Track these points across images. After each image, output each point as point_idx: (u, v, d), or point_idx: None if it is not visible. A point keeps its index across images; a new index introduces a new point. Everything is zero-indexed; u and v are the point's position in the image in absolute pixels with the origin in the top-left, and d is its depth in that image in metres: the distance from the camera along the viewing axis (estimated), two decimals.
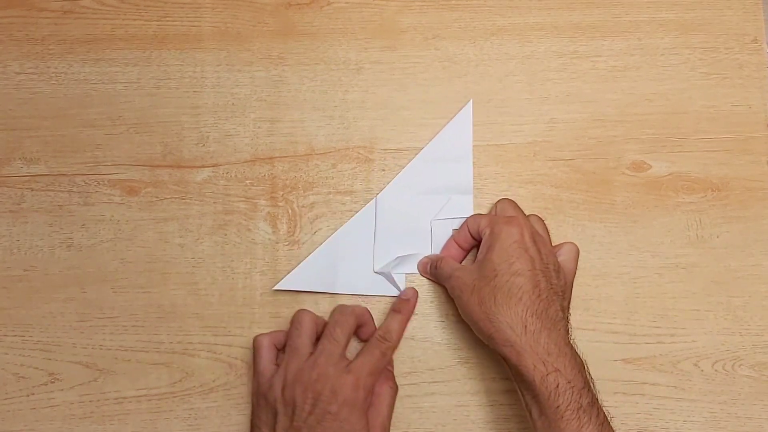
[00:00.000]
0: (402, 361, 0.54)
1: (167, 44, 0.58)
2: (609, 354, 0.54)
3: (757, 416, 0.53)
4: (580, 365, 0.46)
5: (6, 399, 0.53)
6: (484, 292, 0.47)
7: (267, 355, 0.50)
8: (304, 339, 0.49)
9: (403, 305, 0.52)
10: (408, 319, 0.53)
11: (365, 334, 0.52)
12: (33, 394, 0.53)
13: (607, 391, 0.53)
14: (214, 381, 0.53)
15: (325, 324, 0.51)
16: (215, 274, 0.55)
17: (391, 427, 0.52)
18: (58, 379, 0.53)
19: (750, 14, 0.59)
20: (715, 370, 0.53)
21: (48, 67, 0.57)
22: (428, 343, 0.54)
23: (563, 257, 0.51)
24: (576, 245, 0.52)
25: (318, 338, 0.50)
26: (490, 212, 0.54)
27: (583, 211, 0.56)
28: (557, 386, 0.44)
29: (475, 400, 0.53)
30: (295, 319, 0.51)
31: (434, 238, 0.55)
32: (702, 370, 0.53)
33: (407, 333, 0.54)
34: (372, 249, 0.54)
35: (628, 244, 0.55)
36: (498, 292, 0.47)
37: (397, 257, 0.54)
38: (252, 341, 0.52)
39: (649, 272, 0.55)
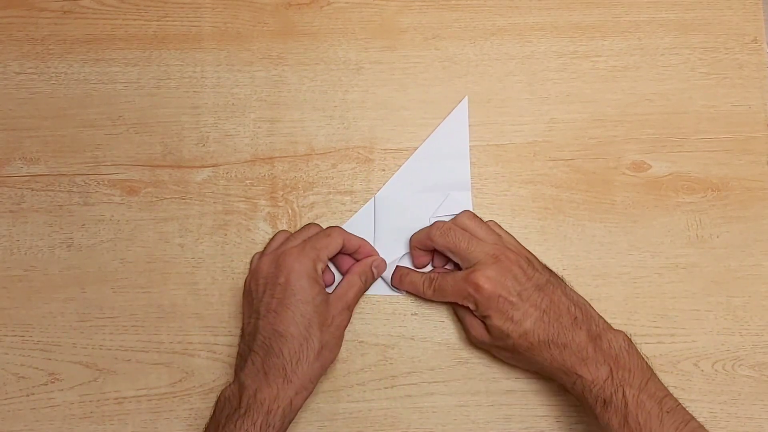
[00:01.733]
0: (402, 361, 0.54)
1: (167, 44, 0.58)
2: None
3: (757, 416, 0.53)
4: (605, 355, 0.47)
5: (6, 399, 0.53)
6: (508, 349, 0.49)
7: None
8: (272, 244, 0.51)
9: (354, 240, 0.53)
10: (350, 237, 0.52)
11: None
12: (33, 394, 0.53)
13: None
14: (214, 381, 0.53)
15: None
16: (215, 274, 0.55)
17: (391, 428, 0.52)
18: (58, 379, 0.53)
19: (750, 14, 0.59)
20: (715, 370, 0.53)
21: (48, 67, 0.57)
22: (428, 343, 0.54)
23: (509, 238, 0.52)
24: (491, 222, 0.53)
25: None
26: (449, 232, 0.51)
27: (583, 211, 0.56)
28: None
29: (475, 400, 0.53)
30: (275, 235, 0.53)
31: None
32: (702, 370, 0.53)
33: (407, 333, 0.54)
34: None
35: (628, 244, 0.55)
36: (519, 347, 0.48)
37: (399, 258, 0.54)
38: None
39: (649, 272, 0.55)
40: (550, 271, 0.51)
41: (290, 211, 0.56)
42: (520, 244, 0.52)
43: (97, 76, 0.57)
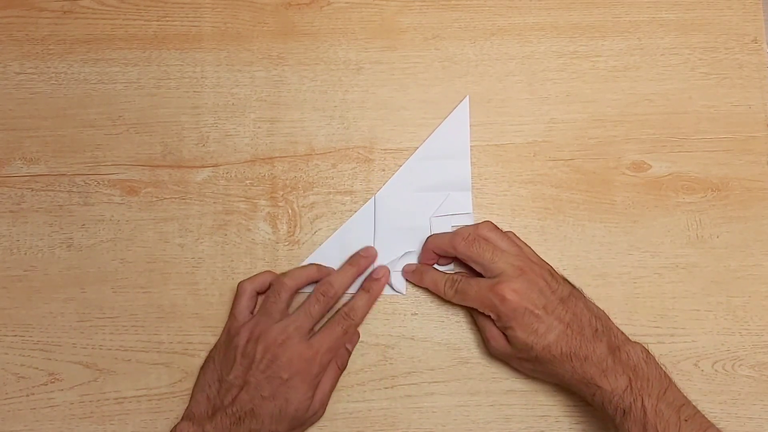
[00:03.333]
0: (402, 361, 0.54)
1: (167, 44, 0.58)
2: None
3: (757, 416, 0.53)
4: (624, 366, 0.47)
5: (6, 399, 0.53)
6: (530, 360, 0.49)
7: (245, 303, 0.52)
8: (279, 305, 0.51)
9: (372, 284, 0.53)
10: (375, 299, 0.53)
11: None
12: (33, 394, 0.53)
13: None
14: None
15: (318, 278, 0.52)
16: (215, 274, 0.55)
17: (391, 428, 0.53)
18: (58, 379, 0.53)
19: (750, 14, 0.59)
20: (715, 370, 0.53)
21: (48, 67, 0.57)
22: (428, 343, 0.54)
23: (529, 250, 0.52)
24: (512, 234, 0.53)
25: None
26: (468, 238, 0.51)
27: (583, 211, 0.56)
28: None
29: (475, 400, 0.53)
30: (276, 284, 0.52)
31: None
32: (702, 370, 0.53)
33: (407, 333, 0.54)
34: None
35: (628, 244, 0.55)
36: (542, 359, 0.48)
37: (400, 256, 0.54)
38: (237, 286, 0.53)
39: (649, 272, 0.55)
40: (570, 283, 0.51)
41: (290, 211, 0.56)
42: (539, 257, 0.52)
43: (97, 76, 0.57)
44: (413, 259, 0.54)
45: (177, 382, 0.53)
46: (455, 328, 0.54)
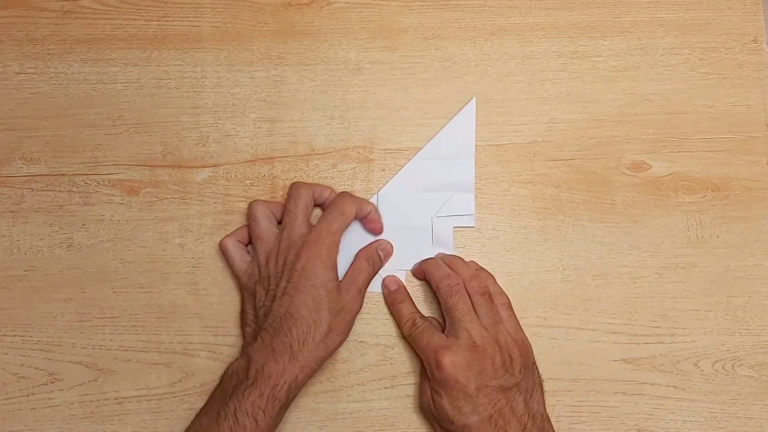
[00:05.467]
0: (402, 361, 0.54)
1: (167, 44, 0.58)
2: (609, 354, 0.54)
3: (757, 416, 0.53)
4: None
5: (6, 399, 0.53)
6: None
7: (237, 252, 0.53)
8: (263, 225, 0.52)
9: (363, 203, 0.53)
10: (360, 200, 0.53)
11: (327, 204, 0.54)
12: (33, 394, 0.53)
13: (607, 391, 0.53)
14: (214, 381, 0.53)
15: (282, 206, 0.53)
16: (215, 274, 0.55)
17: (391, 428, 0.52)
18: (58, 379, 0.53)
19: (750, 14, 0.59)
20: (715, 370, 0.53)
21: (48, 67, 0.57)
22: None
23: (508, 327, 0.51)
24: (503, 300, 0.52)
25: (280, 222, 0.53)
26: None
27: (583, 211, 0.56)
28: None
29: None
30: (251, 212, 0.53)
31: (435, 235, 0.55)
32: (702, 370, 0.53)
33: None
34: None
35: (628, 244, 0.55)
36: None
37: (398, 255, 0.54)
38: (218, 245, 0.53)
39: (649, 272, 0.55)
40: (532, 375, 0.50)
41: None
42: (516, 338, 0.50)
43: (97, 76, 0.57)
44: (414, 258, 0.54)
45: (177, 382, 0.53)
46: None
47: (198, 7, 0.58)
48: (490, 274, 0.53)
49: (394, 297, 0.54)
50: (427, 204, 0.55)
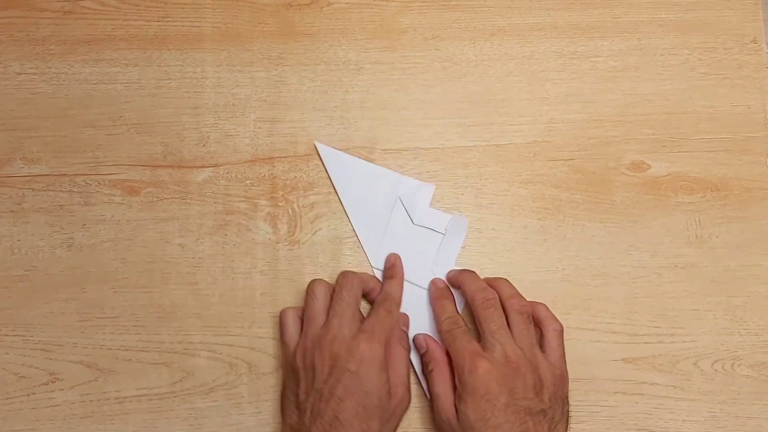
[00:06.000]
0: None
1: (168, 45, 0.58)
2: (609, 354, 0.54)
3: (756, 416, 0.53)
4: None
5: (6, 399, 0.53)
6: None
7: (292, 327, 0.51)
8: (319, 307, 0.50)
9: (393, 271, 0.53)
10: (402, 280, 0.53)
11: (374, 297, 0.53)
12: (33, 393, 0.53)
13: (607, 391, 0.53)
14: (214, 381, 0.53)
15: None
16: (215, 274, 0.55)
17: None
18: (58, 379, 0.53)
19: (750, 14, 0.59)
20: (715, 370, 0.53)
21: (49, 68, 0.58)
22: None
23: (549, 349, 0.50)
24: (556, 326, 0.51)
25: None
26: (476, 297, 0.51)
27: (583, 211, 0.56)
28: None
29: None
30: (310, 289, 0.51)
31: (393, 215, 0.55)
32: (701, 370, 0.53)
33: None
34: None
35: (628, 244, 0.55)
36: None
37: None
38: (279, 314, 0.52)
39: (649, 272, 0.55)
40: (561, 407, 0.49)
41: (290, 211, 0.56)
42: (554, 366, 0.49)
43: (98, 77, 0.57)
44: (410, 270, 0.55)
45: (177, 381, 0.53)
46: None
47: (198, 8, 0.58)
48: (541, 303, 0.52)
49: (440, 293, 0.53)
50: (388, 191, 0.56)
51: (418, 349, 0.52)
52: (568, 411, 0.49)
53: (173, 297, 0.54)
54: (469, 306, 0.52)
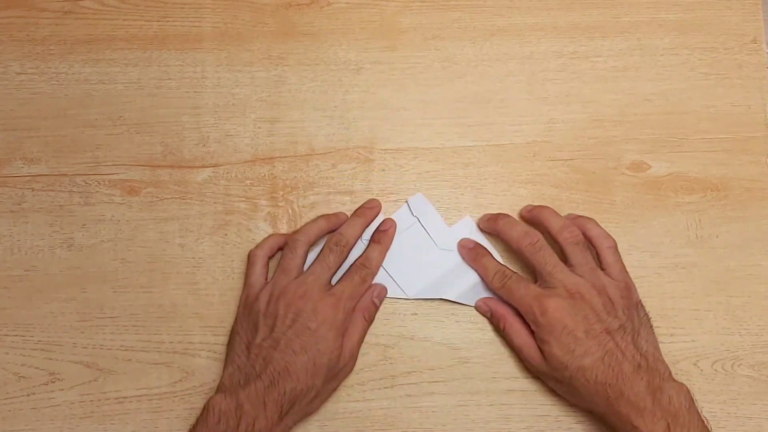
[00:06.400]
0: (402, 361, 0.54)
1: (168, 45, 0.58)
2: None
3: (756, 416, 0.53)
4: (664, 411, 0.46)
5: (6, 399, 0.53)
6: (564, 382, 0.49)
7: (259, 270, 0.53)
8: (296, 261, 0.52)
9: (381, 236, 0.54)
10: (386, 249, 0.54)
11: None
12: (33, 393, 0.53)
13: None
14: (214, 381, 0.53)
15: (329, 230, 0.53)
16: (216, 274, 0.55)
17: (391, 428, 0.53)
18: (58, 379, 0.53)
19: (749, 14, 0.59)
20: (715, 370, 0.53)
21: (49, 68, 0.58)
22: (428, 342, 0.54)
23: (607, 265, 0.51)
24: (609, 243, 0.52)
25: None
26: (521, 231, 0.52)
27: (583, 211, 0.56)
28: None
29: (475, 400, 0.53)
30: (291, 242, 0.52)
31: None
32: (701, 370, 0.53)
33: (407, 333, 0.54)
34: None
35: (628, 244, 0.55)
36: (575, 381, 0.48)
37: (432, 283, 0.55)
38: (248, 255, 0.53)
39: (649, 272, 0.55)
40: (637, 314, 0.50)
41: (290, 211, 0.56)
42: (617, 280, 0.51)
43: (98, 77, 0.57)
44: (444, 284, 0.54)
45: (177, 381, 0.53)
46: (455, 328, 0.54)
47: (198, 8, 0.58)
48: (590, 218, 0.53)
49: (475, 253, 0.53)
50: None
51: (483, 314, 0.53)
52: (646, 315, 0.51)
53: (173, 297, 0.54)
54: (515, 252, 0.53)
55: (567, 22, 0.59)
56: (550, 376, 0.50)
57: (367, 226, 0.55)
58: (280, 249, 0.54)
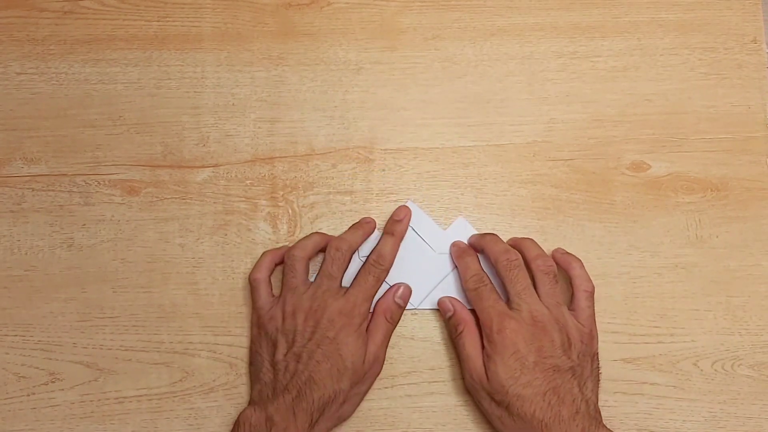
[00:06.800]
0: (402, 361, 0.54)
1: (168, 45, 0.58)
2: (609, 354, 0.54)
3: (756, 416, 0.53)
4: None
5: (6, 399, 0.53)
6: (503, 406, 0.48)
7: (264, 291, 0.52)
8: (300, 278, 0.52)
9: (395, 226, 0.54)
10: (400, 241, 0.53)
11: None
12: (34, 393, 0.53)
13: (607, 391, 0.53)
14: (214, 381, 0.53)
15: (325, 244, 0.53)
16: (215, 274, 0.55)
17: (391, 427, 0.53)
18: (58, 379, 0.53)
19: (749, 14, 0.59)
20: (715, 370, 0.53)
21: (49, 68, 0.58)
22: (428, 342, 0.54)
23: (578, 308, 0.51)
24: (587, 287, 0.51)
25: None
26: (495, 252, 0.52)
27: (583, 211, 0.56)
28: None
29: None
30: (289, 260, 0.52)
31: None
32: (701, 370, 0.53)
33: (407, 333, 0.54)
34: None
35: (628, 244, 0.55)
36: (512, 409, 0.47)
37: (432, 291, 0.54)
38: (248, 280, 0.53)
39: (649, 272, 0.55)
40: (590, 364, 0.50)
41: (290, 211, 0.56)
42: (582, 324, 0.50)
43: (98, 77, 0.57)
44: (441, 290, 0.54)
45: (177, 381, 0.53)
46: None
47: (198, 8, 0.58)
48: (577, 259, 0.53)
49: (463, 251, 0.53)
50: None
51: (444, 312, 0.53)
52: (597, 368, 0.51)
53: (173, 297, 0.54)
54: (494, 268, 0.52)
55: (567, 22, 0.59)
56: (488, 396, 0.49)
57: (366, 237, 0.54)
58: (278, 264, 0.54)
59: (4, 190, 0.56)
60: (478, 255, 0.54)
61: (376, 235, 0.55)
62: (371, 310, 0.52)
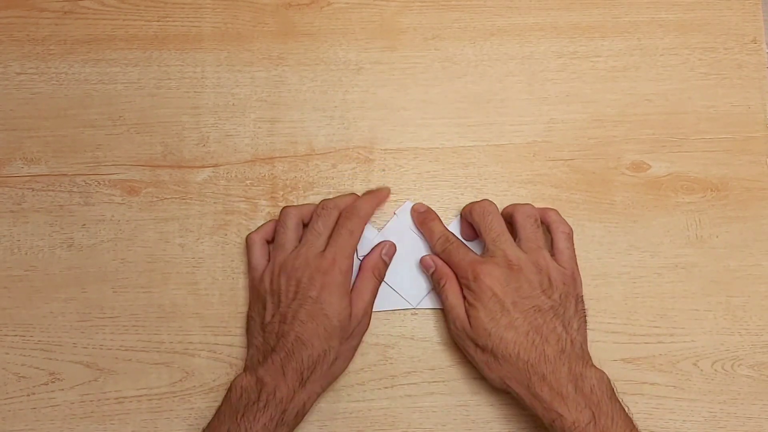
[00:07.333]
0: (402, 361, 0.54)
1: (168, 45, 0.58)
2: (609, 354, 0.54)
3: (756, 416, 0.53)
4: (587, 399, 0.46)
5: (7, 399, 0.53)
6: (488, 352, 0.48)
7: (259, 251, 0.53)
8: (289, 234, 0.52)
9: (373, 191, 0.55)
10: (378, 202, 0.54)
11: None
12: (34, 393, 0.53)
13: None
14: (214, 381, 0.53)
15: (312, 213, 0.53)
16: (215, 274, 0.55)
17: (391, 428, 0.53)
18: (58, 379, 0.53)
19: (749, 14, 0.59)
20: (715, 370, 0.53)
21: (49, 68, 0.58)
22: (428, 342, 0.54)
23: (558, 251, 0.51)
24: (564, 229, 0.52)
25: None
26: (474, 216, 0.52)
27: (583, 211, 0.56)
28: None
29: (475, 400, 0.53)
30: (282, 219, 0.53)
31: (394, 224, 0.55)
32: (701, 370, 0.53)
33: (407, 333, 0.54)
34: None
35: (628, 244, 0.55)
36: (497, 352, 0.48)
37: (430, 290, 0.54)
38: (245, 239, 0.53)
39: (649, 272, 0.55)
40: (574, 305, 0.50)
41: None
42: (564, 267, 0.50)
43: (98, 77, 0.57)
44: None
45: (177, 381, 0.53)
46: None
47: (198, 8, 0.58)
48: (553, 209, 0.53)
49: (424, 217, 0.54)
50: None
51: (427, 269, 0.53)
52: (583, 310, 0.51)
53: (173, 297, 0.54)
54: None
55: (567, 22, 0.59)
56: (473, 343, 0.49)
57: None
58: None
59: (4, 190, 0.56)
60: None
61: (376, 235, 0.55)
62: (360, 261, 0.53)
